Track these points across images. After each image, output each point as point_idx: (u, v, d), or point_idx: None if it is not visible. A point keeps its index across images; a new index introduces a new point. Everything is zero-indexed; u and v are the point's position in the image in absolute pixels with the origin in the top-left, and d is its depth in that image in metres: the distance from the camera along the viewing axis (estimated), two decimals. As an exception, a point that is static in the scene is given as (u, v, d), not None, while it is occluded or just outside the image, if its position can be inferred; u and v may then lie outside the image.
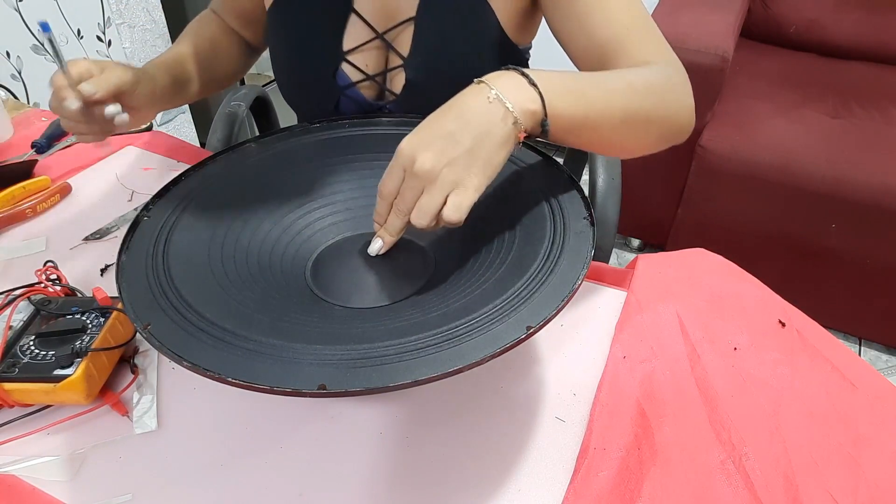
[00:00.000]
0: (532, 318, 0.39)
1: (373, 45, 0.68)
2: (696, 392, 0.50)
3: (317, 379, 0.36)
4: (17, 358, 0.48)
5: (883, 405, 0.50)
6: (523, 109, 0.46)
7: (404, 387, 0.35)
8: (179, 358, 0.37)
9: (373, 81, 0.70)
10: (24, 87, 1.41)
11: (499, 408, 0.50)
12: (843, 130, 1.42)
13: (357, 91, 0.70)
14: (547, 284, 0.42)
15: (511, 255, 0.48)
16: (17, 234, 0.69)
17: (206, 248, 0.50)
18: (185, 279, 0.45)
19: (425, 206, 0.45)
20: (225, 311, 0.43)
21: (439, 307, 0.44)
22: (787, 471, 0.44)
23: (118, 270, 0.45)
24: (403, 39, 0.67)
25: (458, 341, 0.38)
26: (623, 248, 1.81)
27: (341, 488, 0.44)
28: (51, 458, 0.46)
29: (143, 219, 0.51)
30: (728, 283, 0.60)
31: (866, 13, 1.66)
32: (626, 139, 0.54)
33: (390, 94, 0.70)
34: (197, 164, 0.58)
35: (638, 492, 0.43)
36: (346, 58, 0.69)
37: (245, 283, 0.48)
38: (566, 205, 0.50)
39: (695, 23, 1.44)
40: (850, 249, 1.37)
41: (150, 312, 0.42)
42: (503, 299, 0.41)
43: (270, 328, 0.42)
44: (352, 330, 0.43)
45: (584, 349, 0.55)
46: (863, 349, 1.52)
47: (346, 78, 0.70)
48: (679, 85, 0.56)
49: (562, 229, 0.48)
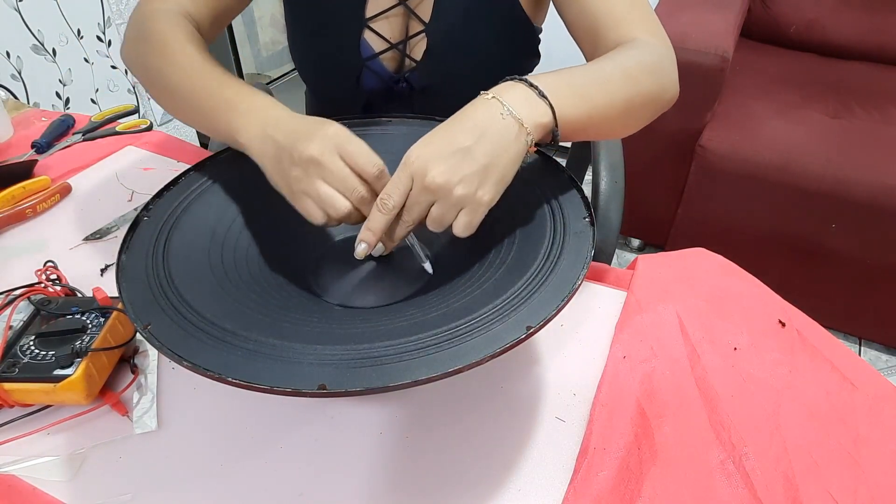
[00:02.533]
0: (532, 318, 0.39)
1: (394, 11, 0.69)
2: (696, 392, 0.50)
3: (317, 379, 0.36)
4: (17, 358, 0.48)
5: (883, 405, 0.50)
6: (536, 124, 0.46)
7: (404, 387, 0.35)
8: (179, 358, 0.37)
9: (395, 50, 0.70)
10: (24, 87, 1.41)
11: (499, 408, 0.50)
12: (843, 130, 1.42)
13: (379, 63, 0.71)
14: (547, 284, 0.42)
15: (511, 256, 0.48)
16: (17, 234, 0.69)
17: (207, 247, 0.50)
18: (185, 279, 0.45)
19: (436, 220, 0.45)
20: (225, 310, 0.43)
21: (439, 307, 0.44)
22: (787, 471, 0.44)
23: (118, 270, 0.45)
24: (425, 6, 0.68)
25: (458, 341, 0.38)
26: (623, 248, 1.81)
27: (341, 488, 0.44)
28: (51, 458, 0.46)
29: (143, 219, 0.51)
30: (728, 283, 0.60)
31: (866, 13, 1.67)
32: (625, 124, 0.56)
33: (410, 62, 0.71)
34: (197, 164, 0.58)
35: (638, 492, 0.43)
36: (368, 24, 0.69)
37: (245, 283, 0.48)
38: (566, 205, 0.50)
39: (695, 23, 1.44)
40: (850, 249, 1.37)
41: (150, 312, 0.42)
42: (503, 299, 0.41)
43: (270, 328, 0.42)
44: (352, 330, 0.43)
45: (584, 349, 0.55)
46: (863, 349, 1.52)
47: (368, 49, 0.70)
48: (667, 60, 0.58)
49: (562, 229, 0.48)
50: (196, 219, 0.52)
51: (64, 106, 1.53)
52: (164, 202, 0.53)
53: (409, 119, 0.64)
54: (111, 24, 1.57)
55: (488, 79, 0.60)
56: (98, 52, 1.57)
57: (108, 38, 1.58)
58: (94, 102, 1.60)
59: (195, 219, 0.52)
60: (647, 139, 1.54)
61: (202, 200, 0.54)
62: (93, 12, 1.52)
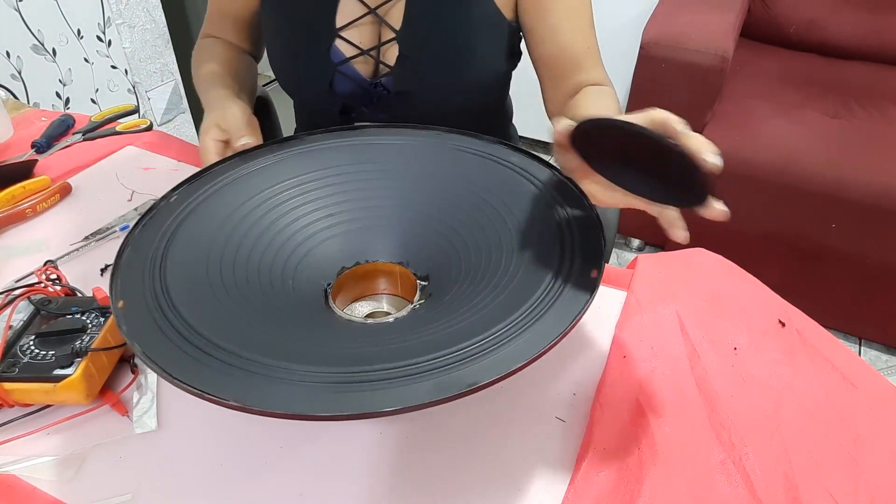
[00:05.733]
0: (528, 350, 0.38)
1: (365, 20, 0.70)
2: (696, 392, 0.50)
3: (315, 399, 0.36)
4: (17, 358, 0.48)
5: (883, 405, 0.50)
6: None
7: (385, 414, 0.35)
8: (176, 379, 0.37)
9: (367, 56, 0.71)
10: (24, 87, 1.41)
11: (499, 408, 0.50)
12: (843, 130, 1.41)
13: (351, 67, 0.72)
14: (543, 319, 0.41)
15: (515, 281, 0.46)
16: (17, 234, 0.69)
17: (205, 260, 0.49)
18: (182, 292, 0.44)
19: None
20: (208, 319, 0.42)
21: (423, 333, 0.43)
22: (787, 471, 0.44)
23: (113, 275, 0.45)
24: (395, 13, 0.69)
25: (449, 369, 0.38)
26: (623, 248, 1.81)
27: (341, 488, 0.44)
28: (51, 458, 0.46)
29: (137, 229, 0.49)
30: (728, 283, 0.60)
31: (866, 13, 1.66)
32: None
33: (384, 67, 0.71)
34: (197, 173, 0.57)
35: (638, 492, 0.43)
36: (339, 34, 0.70)
37: (241, 293, 0.47)
38: (578, 250, 0.47)
39: (695, 23, 1.44)
40: (850, 249, 1.37)
41: (142, 324, 0.41)
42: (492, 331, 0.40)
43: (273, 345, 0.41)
44: (346, 351, 0.43)
45: (584, 349, 0.55)
46: (863, 349, 1.52)
47: (339, 54, 0.71)
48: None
49: (568, 267, 0.45)
50: (195, 230, 0.50)
51: (64, 106, 1.53)
52: (165, 207, 0.52)
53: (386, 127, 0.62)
54: (111, 24, 1.57)
55: (467, 79, 0.61)
56: (98, 52, 1.57)
57: (108, 38, 1.58)
58: (94, 102, 1.60)
59: (194, 230, 0.50)
60: (647, 139, 1.54)
61: (200, 212, 0.52)
62: (93, 12, 1.52)
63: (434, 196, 0.56)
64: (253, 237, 0.52)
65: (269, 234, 0.53)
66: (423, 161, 0.58)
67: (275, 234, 0.53)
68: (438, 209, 0.55)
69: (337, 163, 0.59)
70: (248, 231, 0.52)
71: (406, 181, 0.57)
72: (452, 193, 0.55)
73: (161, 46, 1.71)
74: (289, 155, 0.59)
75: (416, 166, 0.58)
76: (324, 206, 0.56)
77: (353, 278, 0.55)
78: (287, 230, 0.54)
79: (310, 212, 0.56)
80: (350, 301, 0.55)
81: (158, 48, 1.71)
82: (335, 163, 0.59)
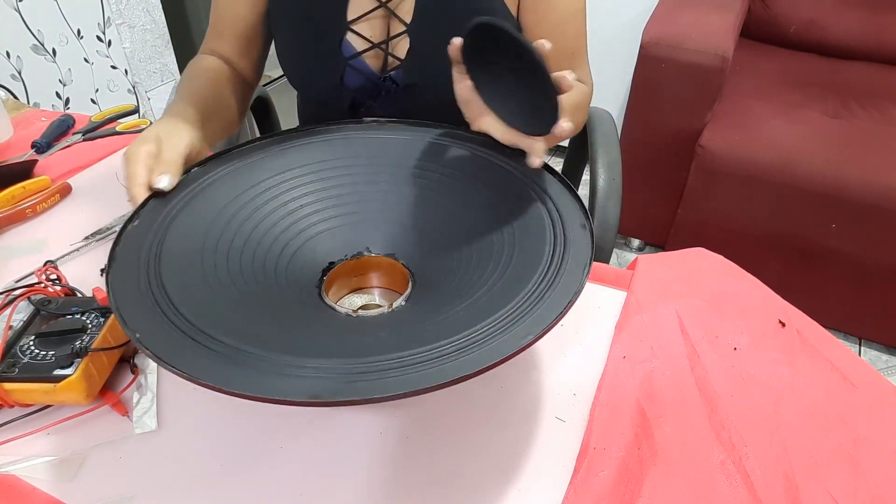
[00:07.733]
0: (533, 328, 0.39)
1: (376, 13, 0.70)
2: (696, 392, 0.50)
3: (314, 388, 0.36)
4: (17, 358, 0.48)
5: (883, 405, 0.50)
6: None
7: (382, 400, 0.35)
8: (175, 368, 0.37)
9: (377, 49, 0.71)
10: (24, 87, 1.41)
11: (499, 408, 0.50)
12: (843, 130, 1.42)
13: (362, 61, 0.72)
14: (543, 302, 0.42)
15: (508, 271, 0.47)
16: (17, 234, 0.69)
17: (200, 252, 0.49)
18: (175, 283, 0.44)
19: None
20: (204, 310, 0.42)
21: (425, 323, 0.44)
22: (787, 471, 0.44)
23: (108, 271, 0.45)
24: (406, 7, 0.69)
25: (440, 361, 0.38)
26: (623, 248, 1.81)
27: (341, 488, 0.44)
28: (51, 458, 0.46)
29: (132, 224, 0.49)
30: (728, 283, 0.60)
31: (866, 13, 1.66)
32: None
33: (394, 60, 0.72)
34: (197, 163, 0.57)
35: (638, 492, 0.43)
36: (350, 27, 0.71)
37: (236, 285, 0.47)
38: (564, 211, 0.50)
39: (695, 23, 1.44)
40: (850, 249, 1.37)
41: (141, 319, 0.41)
42: (496, 317, 0.41)
43: (244, 331, 0.41)
44: (347, 343, 0.43)
45: (584, 349, 0.55)
46: (863, 349, 1.52)
47: (350, 48, 0.71)
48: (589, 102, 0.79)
49: (562, 239, 0.47)
50: (191, 221, 0.51)
51: (64, 106, 1.53)
52: (158, 204, 0.52)
53: (394, 123, 0.63)
54: (111, 24, 1.57)
55: None
56: (98, 52, 1.57)
57: (107, 38, 1.58)
58: (94, 102, 1.60)
59: (190, 222, 0.51)
60: (647, 139, 1.55)
61: (197, 203, 0.53)
62: (93, 12, 1.52)
63: (426, 189, 0.57)
64: (247, 230, 0.53)
65: (262, 227, 0.54)
66: (416, 155, 0.59)
67: (269, 227, 0.54)
68: (431, 203, 0.56)
69: (331, 156, 0.60)
70: (242, 223, 0.53)
71: (398, 175, 0.58)
72: (446, 188, 0.56)
73: (161, 47, 1.71)
74: (282, 149, 0.60)
75: (409, 160, 0.59)
76: (317, 199, 0.57)
77: (347, 271, 0.55)
78: (281, 223, 0.55)
79: (304, 205, 0.57)
80: (343, 294, 0.56)
81: (158, 48, 1.71)
82: (329, 156, 0.60)
